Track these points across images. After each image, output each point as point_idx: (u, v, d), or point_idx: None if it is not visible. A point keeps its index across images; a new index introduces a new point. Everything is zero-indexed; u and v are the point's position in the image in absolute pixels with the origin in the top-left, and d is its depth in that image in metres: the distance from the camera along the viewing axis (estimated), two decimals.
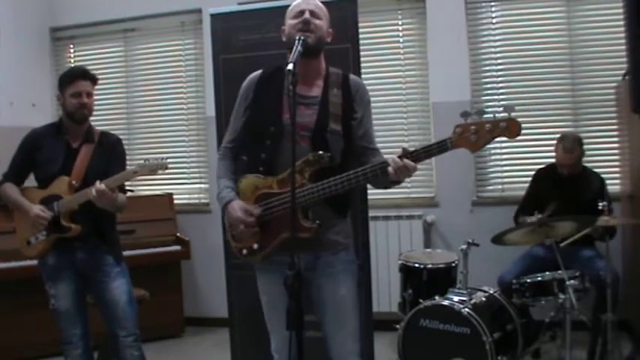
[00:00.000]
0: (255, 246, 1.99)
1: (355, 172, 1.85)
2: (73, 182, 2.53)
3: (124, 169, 2.66)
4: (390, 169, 1.78)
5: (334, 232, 2.02)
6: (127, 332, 2.61)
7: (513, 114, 1.70)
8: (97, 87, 2.66)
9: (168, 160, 2.47)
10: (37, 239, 2.56)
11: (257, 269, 2.11)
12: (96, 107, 2.68)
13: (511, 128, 1.70)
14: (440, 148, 1.76)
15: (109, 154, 2.66)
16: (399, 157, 1.79)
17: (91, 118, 2.67)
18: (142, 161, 2.45)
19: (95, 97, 2.66)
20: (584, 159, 3.66)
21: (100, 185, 2.36)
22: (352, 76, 2.10)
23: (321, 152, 1.90)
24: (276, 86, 2.02)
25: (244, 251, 2.03)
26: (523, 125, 1.71)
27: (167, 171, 2.52)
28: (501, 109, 1.72)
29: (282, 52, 2.05)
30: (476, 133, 1.72)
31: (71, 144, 2.63)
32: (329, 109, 1.98)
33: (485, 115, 1.73)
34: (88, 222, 2.55)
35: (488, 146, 4.03)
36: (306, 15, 1.96)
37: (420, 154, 1.76)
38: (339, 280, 2.02)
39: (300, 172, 1.88)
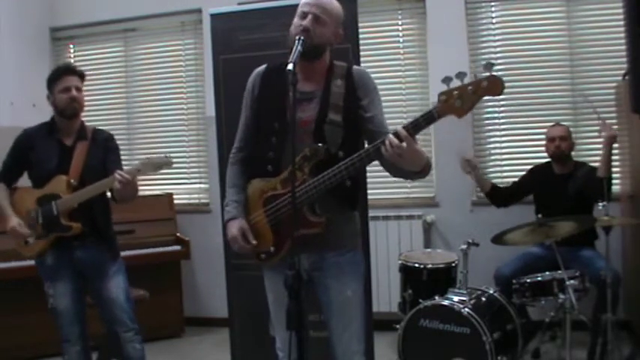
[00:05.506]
0: (272, 249, 1.99)
1: (351, 158, 1.82)
2: (72, 181, 2.53)
3: (120, 162, 2.69)
4: (382, 148, 1.73)
5: (341, 233, 2.00)
6: (126, 328, 2.63)
7: (493, 71, 1.62)
8: (90, 85, 2.64)
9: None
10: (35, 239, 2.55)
11: (264, 267, 2.10)
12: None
13: (493, 86, 1.62)
14: (427, 119, 1.71)
15: (104, 150, 2.66)
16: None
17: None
18: (145, 158, 2.45)
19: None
20: (585, 159, 3.66)
21: (124, 174, 2.35)
22: (356, 67, 2.07)
23: (315, 145, 1.88)
24: (281, 82, 1.98)
25: (262, 256, 2.02)
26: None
27: (167, 171, 2.50)
28: (483, 68, 1.65)
29: (282, 52, 2.04)
30: (460, 97, 1.65)
31: (65, 142, 2.62)
32: (330, 100, 1.96)
33: (467, 78, 1.66)
34: (87, 220, 2.55)
35: (488, 146, 4.15)
36: (305, 22, 1.92)
37: (408, 129, 1.71)
38: (346, 282, 2.01)
39: (300, 169, 1.86)
